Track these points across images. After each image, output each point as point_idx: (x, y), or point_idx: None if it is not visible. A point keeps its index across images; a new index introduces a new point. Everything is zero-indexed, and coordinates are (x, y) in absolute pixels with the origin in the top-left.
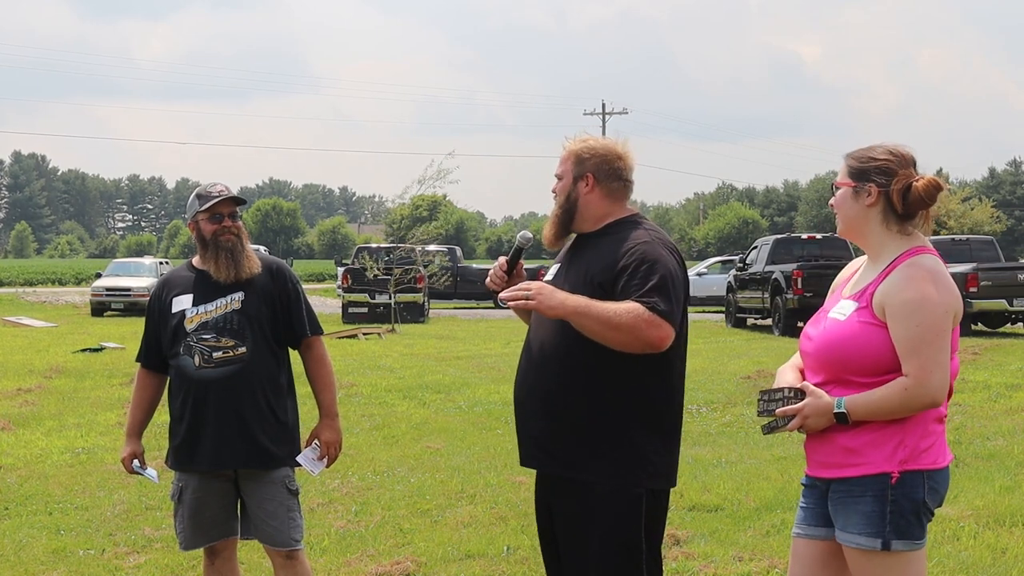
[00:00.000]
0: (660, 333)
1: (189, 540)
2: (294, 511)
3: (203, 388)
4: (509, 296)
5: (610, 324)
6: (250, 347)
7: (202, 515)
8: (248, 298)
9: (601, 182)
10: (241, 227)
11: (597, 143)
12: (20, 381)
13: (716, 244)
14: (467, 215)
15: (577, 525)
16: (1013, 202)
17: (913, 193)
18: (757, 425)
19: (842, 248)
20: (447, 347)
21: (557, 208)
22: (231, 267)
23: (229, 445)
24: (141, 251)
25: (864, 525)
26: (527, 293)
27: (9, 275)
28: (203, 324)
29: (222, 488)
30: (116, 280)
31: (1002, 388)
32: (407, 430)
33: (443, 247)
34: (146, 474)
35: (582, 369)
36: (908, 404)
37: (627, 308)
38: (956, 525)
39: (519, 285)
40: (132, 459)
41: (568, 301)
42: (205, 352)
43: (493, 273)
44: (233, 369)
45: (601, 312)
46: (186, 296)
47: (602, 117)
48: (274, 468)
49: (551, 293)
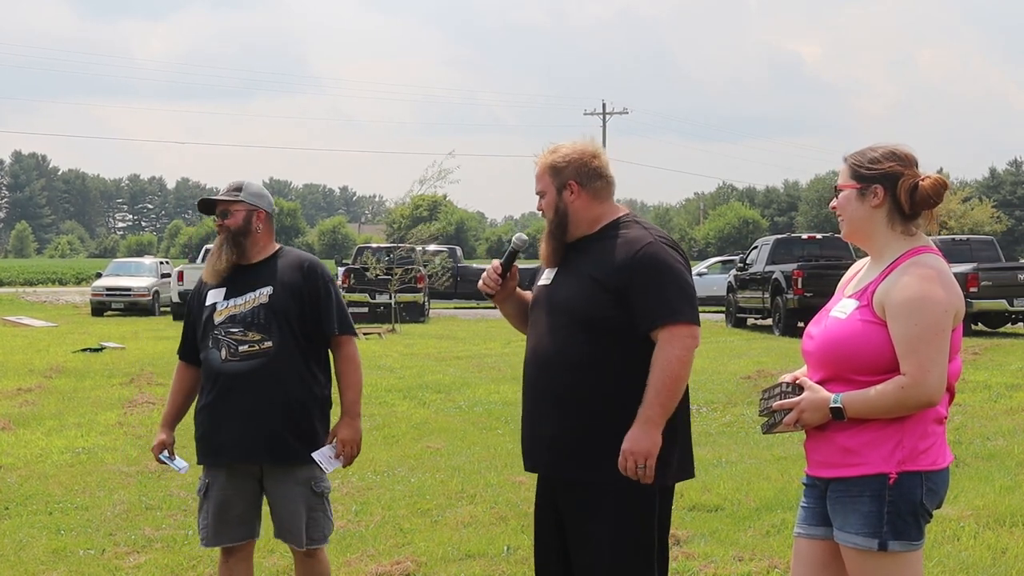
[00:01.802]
0: (697, 343)
1: (211, 538)
2: (318, 511)
3: (228, 381)
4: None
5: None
6: (276, 342)
7: (227, 513)
8: (276, 293)
9: (585, 186)
10: (230, 225)
11: (569, 148)
12: (20, 381)
13: (716, 244)
14: (467, 215)
15: (589, 525)
16: (1013, 202)
17: (920, 192)
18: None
19: (842, 248)
20: (447, 347)
21: (549, 225)
22: (208, 266)
23: (250, 438)
24: (141, 251)
25: (861, 525)
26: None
27: (9, 275)
28: (231, 317)
29: (248, 487)
30: (116, 280)
31: (1002, 388)
32: (407, 430)
33: (443, 247)
34: (173, 465)
35: (590, 371)
36: (904, 403)
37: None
38: (956, 525)
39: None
40: (161, 449)
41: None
42: (232, 345)
43: (487, 276)
44: (258, 363)
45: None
46: (220, 290)
47: (602, 117)
48: (296, 464)
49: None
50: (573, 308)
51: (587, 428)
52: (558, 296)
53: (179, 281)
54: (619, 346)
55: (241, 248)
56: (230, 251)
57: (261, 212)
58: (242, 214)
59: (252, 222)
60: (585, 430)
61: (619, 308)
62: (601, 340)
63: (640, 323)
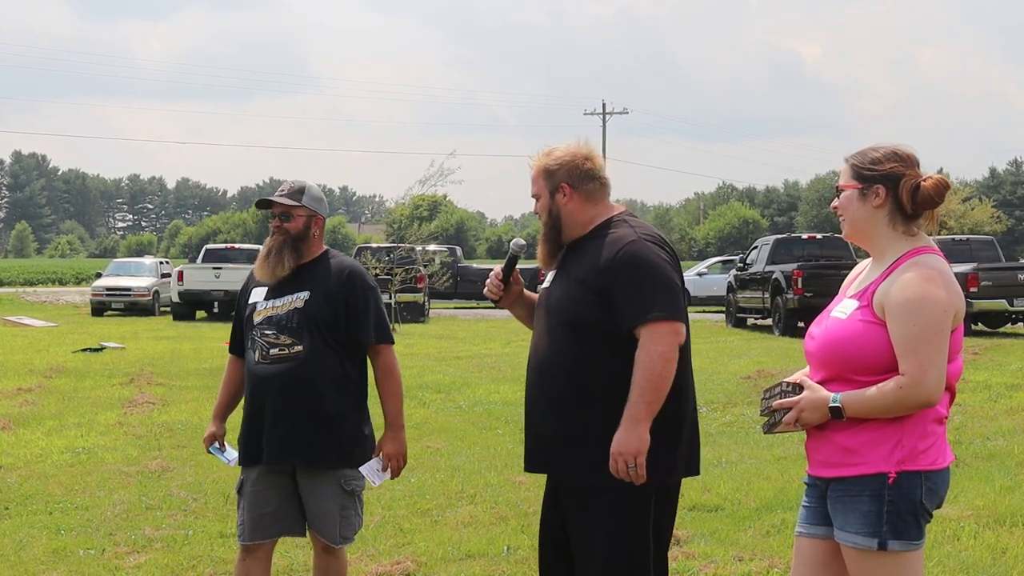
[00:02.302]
0: (679, 338)
1: (248, 534)
2: (348, 510)
3: (261, 383)
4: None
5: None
6: (307, 347)
7: (261, 510)
8: (312, 298)
9: (577, 188)
10: (291, 229)
11: (562, 151)
12: (20, 381)
13: (716, 244)
14: (467, 215)
15: (587, 527)
16: (1013, 202)
17: (922, 193)
18: (758, 425)
19: (842, 248)
20: (447, 347)
21: (544, 227)
22: (264, 267)
23: (281, 442)
24: (141, 251)
25: (861, 525)
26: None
27: (9, 275)
28: (268, 319)
29: (281, 483)
30: (116, 280)
31: (1002, 388)
32: (407, 430)
33: (443, 247)
34: (223, 457)
35: (582, 372)
36: (902, 402)
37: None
38: (956, 525)
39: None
40: (212, 441)
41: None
42: (264, 348)
43: (490, 283)
44: (287, 367)
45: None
46: (263, 289)
47: (602, 117)
48: (325, 468)
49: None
50: (563, 310)
51: (582, 430)
52: (552, 299)
53: (179, 281)
54: (609, 347)
55: (299, 253)
56: (291, 256)
57: (320, 218)
58: (303, 219)
59: (311, 228)
60: (580, 431)
61: (604, 309)
62: (591, 342)
63: (622, 322)
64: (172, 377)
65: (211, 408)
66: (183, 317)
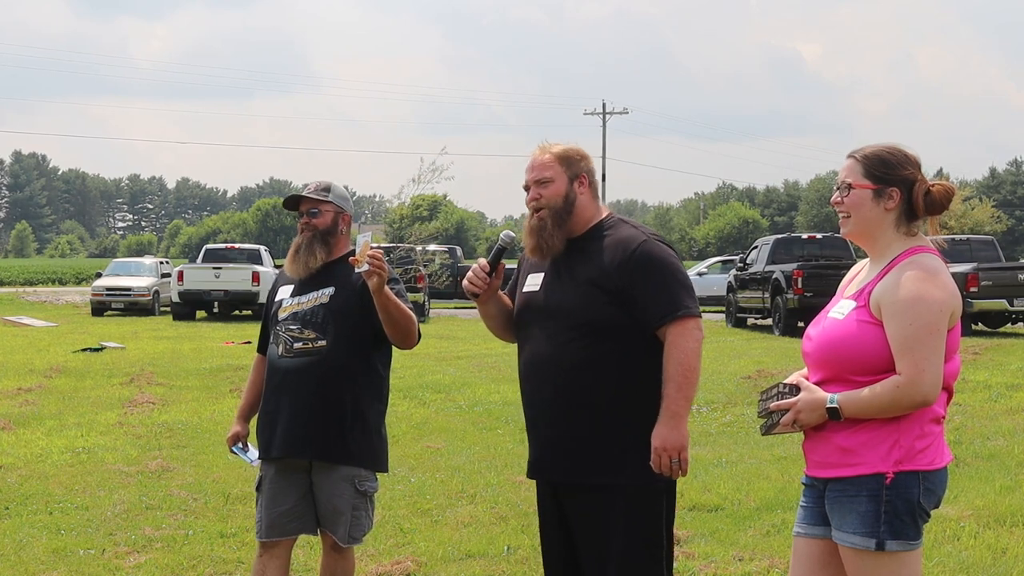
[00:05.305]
0: (703, 334)
1: (265, 531)
2: (360, 510)
3: (283, 377)
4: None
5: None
6: (330, 341)
7: (279, 507)
8: (337, 294)
9: (592, 183)
10: (319, 224)
11: (576, 146)
12: (20, 381)
13: (716, 244)
14: (467, 214)
15: (600, 527)
16: (1013, 202)
17: (931, 198)
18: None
19: (842, 248)
20: (447, 347)
21: (551, 214)
22: (296, 262)
23: (298, 435)
24: (141, 251)
25: (859, 525)
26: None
27: (9, 275)
28: (293, 315)
29: (297, 480)
30: (116, 280)
31: (1002, 388)
32: (407, 430)
33: (443, 247)
34: (246, 457)
35: (594, 373)
36: (899, 402)
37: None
38: (956, 525)
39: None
40: (235, 441)
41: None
42: (288, 342)
43: (473, 275)
44: (310, 360)
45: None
46: (289, 286)
47: (602, 117)
48: (340, 463)
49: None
50: (570, 312)
51: (597, 431)
52: (552, 301)
53: (179, 281)
54: (620, 346)
55: (329, 247)
56: (322, 249)
57: (347, 215)
58: (331, 215)
59: (339, 224)
60: (595, 433)
61: (618, 308)
62: (602, 342)
63: (648, 321)
64: (172, 377)
65: (211, 408)
66: (183, 317)
